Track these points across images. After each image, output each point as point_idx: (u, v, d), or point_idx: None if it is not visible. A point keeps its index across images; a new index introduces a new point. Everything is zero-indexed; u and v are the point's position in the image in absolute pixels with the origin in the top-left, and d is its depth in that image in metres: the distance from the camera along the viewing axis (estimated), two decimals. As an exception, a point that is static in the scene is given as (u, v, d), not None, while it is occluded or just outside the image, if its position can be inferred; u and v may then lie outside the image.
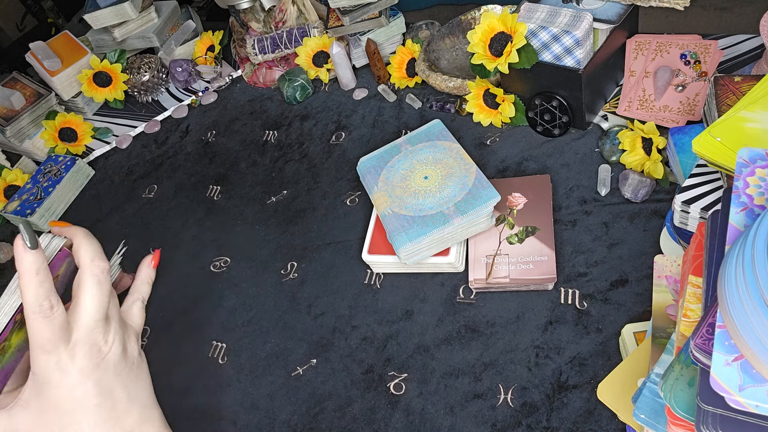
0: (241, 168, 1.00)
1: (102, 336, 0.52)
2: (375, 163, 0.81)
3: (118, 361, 0.53)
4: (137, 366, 0.56)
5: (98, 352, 0.51)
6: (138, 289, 0.61)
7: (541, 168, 0.80)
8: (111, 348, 0.53)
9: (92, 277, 0.52)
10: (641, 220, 0.70)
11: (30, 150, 1.17)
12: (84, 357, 0.50)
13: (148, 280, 0.63)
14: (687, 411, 0.40)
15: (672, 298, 0.53)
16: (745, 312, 0.34)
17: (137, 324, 0.59)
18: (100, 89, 1.21)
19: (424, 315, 0.70)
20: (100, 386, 0.51)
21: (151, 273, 0.63)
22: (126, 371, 0.54)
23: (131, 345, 0.56)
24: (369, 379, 0.67)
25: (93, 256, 0.53)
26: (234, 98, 1.16)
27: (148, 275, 0.63)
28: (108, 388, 0.52)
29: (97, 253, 0.54)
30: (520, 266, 0.68)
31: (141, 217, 0.99)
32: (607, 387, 0.52)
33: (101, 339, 0.52)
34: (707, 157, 0.53)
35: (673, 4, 0.74)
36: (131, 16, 1.19)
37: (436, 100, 0.96)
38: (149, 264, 0.64)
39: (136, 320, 0.59)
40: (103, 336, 0.52)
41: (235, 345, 0.76)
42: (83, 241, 0.54)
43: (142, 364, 0.57)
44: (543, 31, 0.74)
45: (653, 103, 0.78)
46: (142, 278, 0.62)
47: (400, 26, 1.06)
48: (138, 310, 0.60)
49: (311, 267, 0.81)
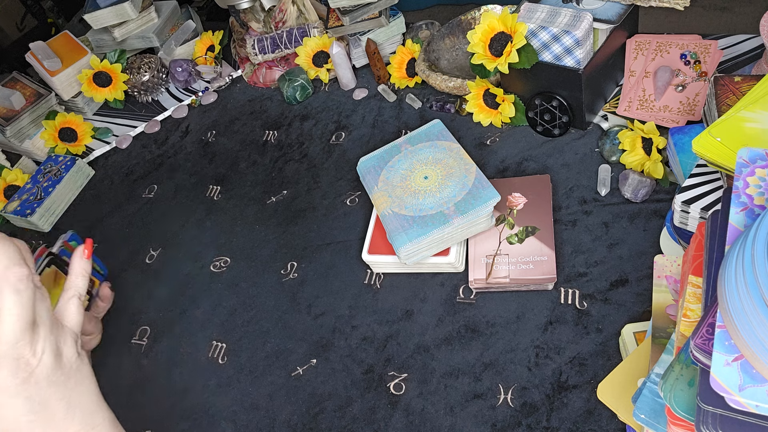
0: (241, 168, 1.00)
1: (29, 348, 0.47)
2: (375, 163, 0.81)
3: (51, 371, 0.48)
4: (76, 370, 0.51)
5: (26, 365, 0.47)
6: (73, 285, 0.55)
7: (541, 168, 0.80)
8: (41, 358, 0.48)
9: (9, 287, 0.46)
10: (641, 220, 0.70)
11: (30, 150, 1.17)
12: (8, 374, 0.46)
13: (83, 273, 0.57)
14: (687, 411, 0.40)
15: (672, 298, 0.53)
16: (745, 312, 0.34)
17: (74, 323, 0.54)
18: (100, 89, 1.21)
19: (424, 315, 0.70)
20: (31, 402, 0.47)
21: (84, 265, 0.57)
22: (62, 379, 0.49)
23: (67, 349, 0.50)
24: (369, 379, 0.67)
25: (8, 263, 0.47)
26: (234, 98, 1.16)
27: (81, 268, 0.57)
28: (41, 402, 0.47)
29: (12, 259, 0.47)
30: (520, 266, 0.68)
31: (141, 217, 0.99)
32: (607, 387, 0.52)
33: (28, 351, 0.47)
34: (707, 157, 0.53)
35: (673, 4, 0.74)
36: (131, 16, 1.19)
37: (436, 100, 0.96)
38: (81, 255, 0.57)
39: (73, 319, 0.54)
40: (30, 347, 0.47)
41: (235, 345, 0.76)
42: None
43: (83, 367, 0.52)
44: (543, 31, 0.74)
45: (653, 103, 0.78)
46: (75, 271, 0.56)
47: (400, 26, 1.06)
48: (74, 308, 0.54)
49: (311, 267, 0.81)
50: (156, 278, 0.88)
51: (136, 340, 0.82)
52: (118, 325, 0.83)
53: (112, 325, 0.82)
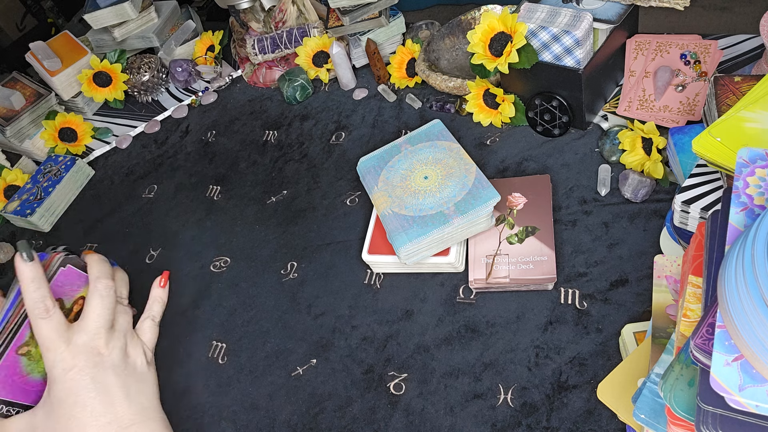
0: (241, 168, 1.00)
1: (104, 342, 0.59)
2: (375, 163, 0.81)
3: (117, 364, 0.60)
4: (142, 373, 0.63)
5: (97, 354, 0.58)
6: (149, 308, 0.69)
7: (541, 168, 0.80)
8: (111, 352, 0.60)
9: (96, 292, 0.61)
10: (641, 220, 0.70)
11: (30, 150, 1.17)
12: (83, 357, 0.57)
13: (159, 300, 0.70)
14: (687, 411, 0.40)
15: (672, 298, 0.53)
16: (745, 312, 0.34)
17: (147, 339, 0.67)
18: (100, 89, 1.21)
19: (424, 315, 0.70)
20: (96, 382, 0.57)
21: (160, 293, 0.70)
22: (125, 374, 0.60)
23: (135, 354, 0.63)
24: (369, 379, 0.67)
25: (98, 275, 0.62)
26: (234, 98, 1.16)
27: (158, 295, 0.70)
28: (105, 385, 0.58)
29: (102, 272, 0.62)
30: (520, 266, 0.68)
31: (141, 217, 0.99)
32: (607, 387, 0.52)
33: (102, 344, 0.59)
34: (707, 157, 0.53)
35: (673, 4, 0.74)
36: (131, 16, 1.19)
37: (436, 100, 0.96)
38: (158, 285, 0.71)
39: (147, 336, 0.67)
40: (105, 342, 0.59)
41: (235, 345, 0.76)
42: (93, 263, 0.63)
43: (149, 375, 0.64)
44: (543, 31, 0.74)
45: (653, 103, 0.78)
46: (153, 298, 0.70)
47: (400, 26, 1.06)
48: (148, 327, 0.67)
49: (311, 267, 0.81)
50: (156, 278, 0.88)
51: (136, 340, 0.82)
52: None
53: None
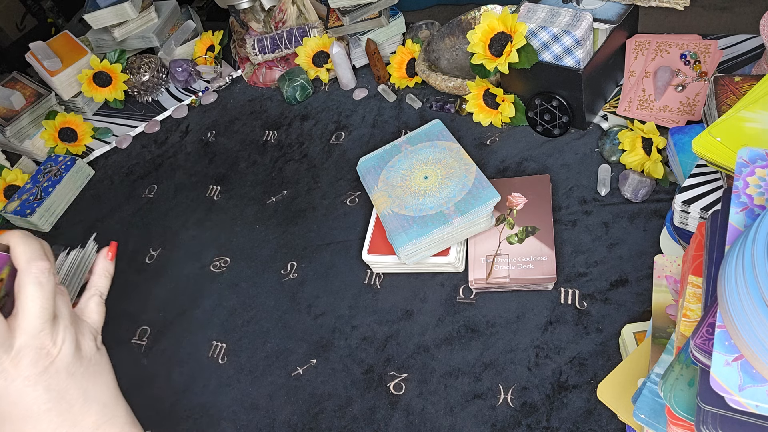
0: (241, 168, 1.00)
1: (50, 338, 0.50)
2: (375, 163, 0.81)
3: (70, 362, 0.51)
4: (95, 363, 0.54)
5: (46, 355, 0.49)
6: (95, 284, 0.59)
7: (541, 168, 0.80)
8: (61, 349, 0.50)
9: (31, 279, 0.49)
10: (641, 220, 0.70)
11: (30, 150, 1.17)
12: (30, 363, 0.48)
13: (106, 274, 0.60)
14: (687, 411, 0.40)
15: (672, 298, 0.53)
16: (745, 312, 0.34)
17: (94, 320, 0.57)
18: (100, 89, 1.20)
19: (424, 315, 0.70)
20: (50, 391, 0.49)
21: (107, 265, 0.60)
22: (81, 371, 0.52)
23: (86, 343, 0.53)
24: (369, 379, 0.67)
25: (30, 256, 0.50)
26: (234, 98, 1.16)
27: (104, 268, 0.60)
28: (60, 392, 0.50)
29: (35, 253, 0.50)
30: (520, 266, 0.68)
31: (141, 217, 0.99)
32: (607, 387, 0.52)
33: (49, 341, 0.50)
34: (707, 157, 0.53)
35: (673, 4, 0.74)
36: (131, 16, 1.19)
37: (436, 100, 0.96)
38: (105, 256, 0.61)
39: (93, 316, 0.57)
40: (50, 338, 0.50)
41: (235, 345, 0.76)
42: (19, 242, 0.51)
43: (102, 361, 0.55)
44: (543, 31, 0.74)
45: (653, 103, 0.78)
46: (98, 271, 0.60)
47: (400, 26, 1.06)
48: (95, 305, 0.58)
49: (311, 267, 0.81)
50: (156, 278, 0.88)
51: (136, 340, 0.82)
52: (118, 325, 0.83)
53: (112, 325, 0.82)
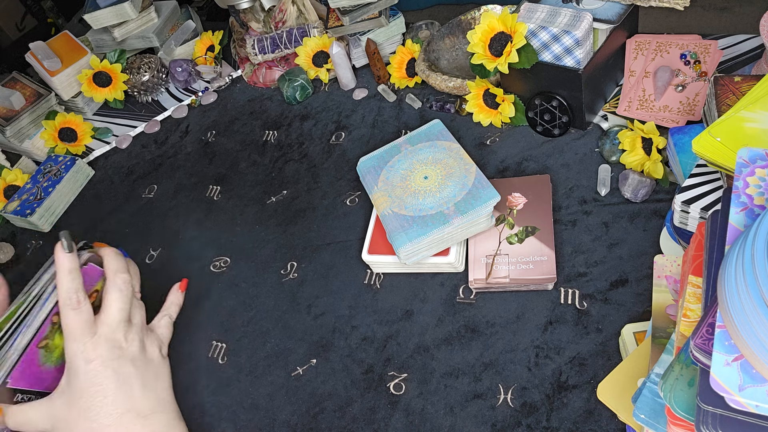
0: (241, 168, 1.00)
1: (123, 335, 0.62)
2: (375, 163, 0.81)
3: (136, 357, 0.62)
4: (156, 365, 0.65)
5: (119, 347, 0.61)
6: (167, 308, 0.72)
7: (541, 168, 0.80)
8: (130, 345, 0.63)
9: (114, 286, 0.63)
10: (641, 220, 0.70)
11: (30, 150, 1.17)
12: (106, 349, 0.60)
13: (177, 302, 0.73)
14: (687, 411, 0.40)
15: (672, 298, 0.53)
16: (745, 312, 0.34)
17: (163, 334, 0.69)
18: (100, 89, 1.21)
19: (424, 315, 0.70)
20: (117, 374, 0.60)
21: (179, 297, 0.74)
22: (143, 367, 0.63)
23: (152, 348, 0.66)
24: (369, 379, 0.67)
25: (116, 269, 0.64)
26: (234, 98, 1.16)
27: (176, 298, 0.74)
28: (125, 377, 0.60)
29: (120, 267, 0.65)
30: (520, 266, 0.68)
31: (141, 217, 0.99)
32: (607, 387, 0.52)
33: (122, 337, 0.62)
34: (707, 157, 0.53)
35: (673, 4, 0.74)
36: (131, 16, 1.19)
37: (436, 100, 0.96)
38: (177, 289, 0.74)
39: (163, 331, 0.70)
40: (124, 335, 0.62)
41: (235, 345, 0.76)
42: (111, 258, 0.65)
43: (163, 366, 0.66)
44: (543, 31, 0.74)
45: (653, 103, 0.78)
46: (171, 300, 0.73)
47: (400, 26, 1.06)
48: (165, 324, 0.70)
49: (311, 267, 0.81)
50: (156, 278, 0.88)
51: (136, 340, 0.82)
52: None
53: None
